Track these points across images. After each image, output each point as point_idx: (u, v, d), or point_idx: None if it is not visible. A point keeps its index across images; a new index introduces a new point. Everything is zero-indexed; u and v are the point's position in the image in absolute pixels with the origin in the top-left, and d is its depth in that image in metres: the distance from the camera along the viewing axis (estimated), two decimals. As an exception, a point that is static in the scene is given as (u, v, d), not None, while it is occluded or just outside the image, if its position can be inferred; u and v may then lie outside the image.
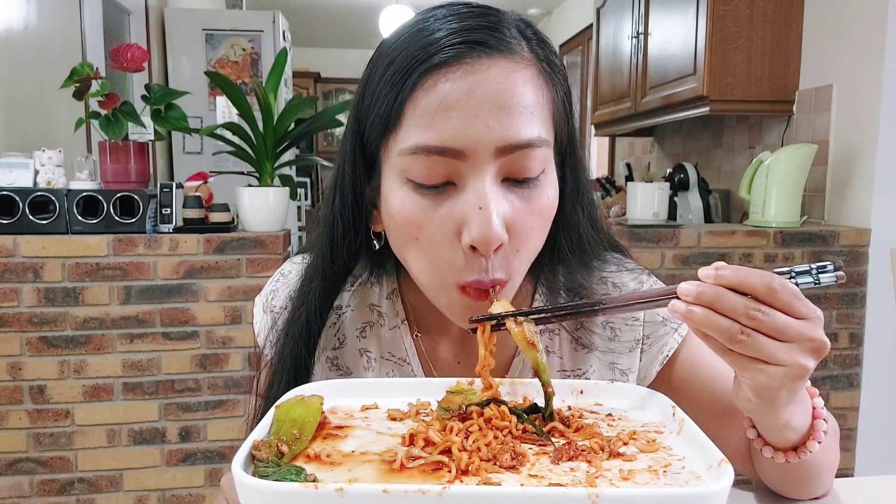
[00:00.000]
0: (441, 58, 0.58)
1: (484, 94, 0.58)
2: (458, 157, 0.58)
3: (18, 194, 1.87)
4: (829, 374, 2.20)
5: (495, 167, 0.59)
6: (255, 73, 4.09)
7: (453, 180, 0.59)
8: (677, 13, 2.62)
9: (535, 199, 0.61)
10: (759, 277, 0.49)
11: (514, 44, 0.61)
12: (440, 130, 0.57)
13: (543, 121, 0.62)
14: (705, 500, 0.44)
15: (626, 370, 0.75)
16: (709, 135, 3.11)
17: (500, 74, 0.59)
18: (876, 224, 2.13)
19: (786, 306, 0.49)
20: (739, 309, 0.49)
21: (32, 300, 1.90)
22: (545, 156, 0.61)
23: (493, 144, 0.58)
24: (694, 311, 0.50)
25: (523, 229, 0.61)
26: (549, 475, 0.51)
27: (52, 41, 2.68)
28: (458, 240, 0.59)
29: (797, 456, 0.59)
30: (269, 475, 0.49)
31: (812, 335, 0.50)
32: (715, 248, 2.12)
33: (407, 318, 0.75)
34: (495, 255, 0.59)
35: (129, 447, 1.98)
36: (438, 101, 0.58)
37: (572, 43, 5.55)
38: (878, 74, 2.10)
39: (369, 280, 0.76)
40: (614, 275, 0.76)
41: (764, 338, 0.49)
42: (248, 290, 1.98)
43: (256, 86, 1.98)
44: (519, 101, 0.59)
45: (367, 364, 0.74)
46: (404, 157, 0.59)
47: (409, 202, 0.60)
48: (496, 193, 0.59)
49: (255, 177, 2.06)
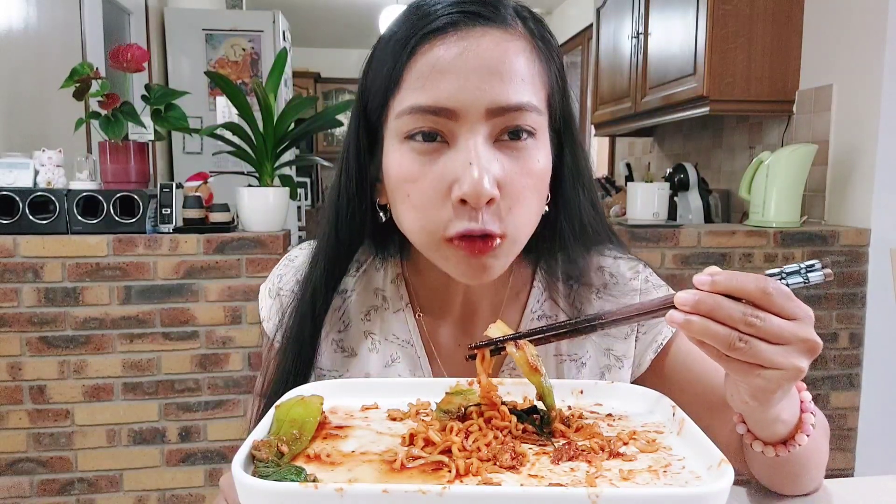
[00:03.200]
0: (437, 24, 0.62)
1: (476, 59, 0.61)
2: (450, 117, 0.61)
3: (18, 194, 1.87)
4: (829, 374, 2.20)
5: (487, 128, 0.61)
6: (255, 73, 4.09)
7: (446, 140, 0.62)
8: (677, 13, 2.62)
9: (526, 161, 0.63)
10: (754, 282, 0.50)
11: (508, 18, 0.64)
12: (434, 91, 0.61)
13: (535, 91, 0.64)
14: (705, 500, 0.44)
15: (621, 356, 0.76)
16: (709, 135, 3.11)
17: (492, 42, 0.62)
18: (876, 224, 2.13)
19: (780, 309, 0.50)
20: (737, 316, 0.49)
21: (32, 300, 1.90)
22: (536, 121, 0.63)
23: (484, 106, 0.60)
24: (692, 320, 0.51)
25: (515, 188, 0.62)
26: (549, 475, 0.51)
27: (52, 41, 2.68)
28: (448, 196, 0.61)
29: (787, 449, 0.60)
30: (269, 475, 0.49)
31: (806, 336, 0.51)
32: (715, 248, 2.12)
33: (410, 301, 0.76)
34: (487, 208, 0.61)
35: (129, 447, 1.98)
36: (433, 64, 0.61)
37: (572, 43, 5.55)
38: (878, 74, 2.10)
39: (374, 265, 0.78)
40: (612, 265, 0.78)
41: (762, 343, 0.50)
42: (248, 290, 1.98)
43: (256, 86, 1.98)
44: (510, 68, 0.62)
45: (371, 346, 0.76)
46: (402, 118, 0.63)
47: (405, 160, 0.63)
48: (486, 151, 0.61)
49: (255, 177, 2.06)
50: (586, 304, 0.76)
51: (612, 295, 0.76)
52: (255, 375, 2.09)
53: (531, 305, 0.77)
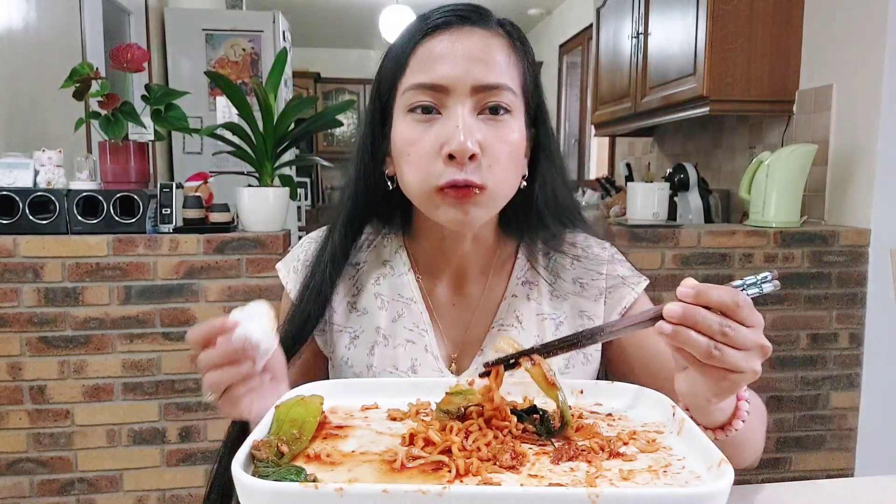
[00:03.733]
0: (436, 23, 0.79)
1: (465, 49, 0.77)
2: (443, 92, 0.76)
3: (18, 194, 1.87)
4: (829, 374, 2.20)
5: (472, 102, 0.76)
6: (255, 73, 4.09)
7: (440, 111, 0.77)
8: (677, 13, 2.62)
9: (503, 131, 0.77)
10: (729, 295, 0.57)
11: (492, 24, 0.81)
12: (431, 73, 0.77)
13: (512, 78, 0.79)
14: (705, 500, 0.44)
15: (592, 316, 0.89)
16: (709, 135, 3.11)
17: (478, 38, 0.78)
18: (876, 224, 2.13)
19: (744, 318, 0.57)
20: (715, 327, 0.56)
21: (32, 300, 1.90)
22: (512, 101, 0.78)
23: (469, 84, 0.76)
24: (679, 331, 0.57)
25: (493, 151, 0.76)
26: (549, 475, 0.51)
27: (52, 41, 2.68)
28: (440, 153, 0.75)
29: (724, 433, 0.66)
30: (269, 475, 0.49)
31: (762, 342, 0.58)
32: (715, 249, 2.12)
33: (412, 266, 0.90)
34: (470, 163, 0.74)
35: (129, 447, 1.98)
36: (431, 52, 0.78)
37: (572, 43, 5.55)
38: (878, 74, 2.10)
39: (381, 242, 0.93)
40: (582, 242, 0.92)
41: (731, 350, 0.56)
42: (248, 290, 1.98)
43: (256, 86, 1.98)
44: (491, 57, 0.77)
45: (380, 305, 0.89)
46: (406, 94, 0.78)
47: (408, 127, 0.78)
48: (471, 119, 0.76)
49: (255, 177, 2.06)
50: (562, 271, 0.90)
51: (585, 266, 0.90)
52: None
53: (516, 272, 0.90)
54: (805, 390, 2.19)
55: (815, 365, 2.19)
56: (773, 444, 2.21)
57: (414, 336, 0.86)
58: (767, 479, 2.19)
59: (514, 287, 0.89)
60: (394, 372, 0.85)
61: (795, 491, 0.75)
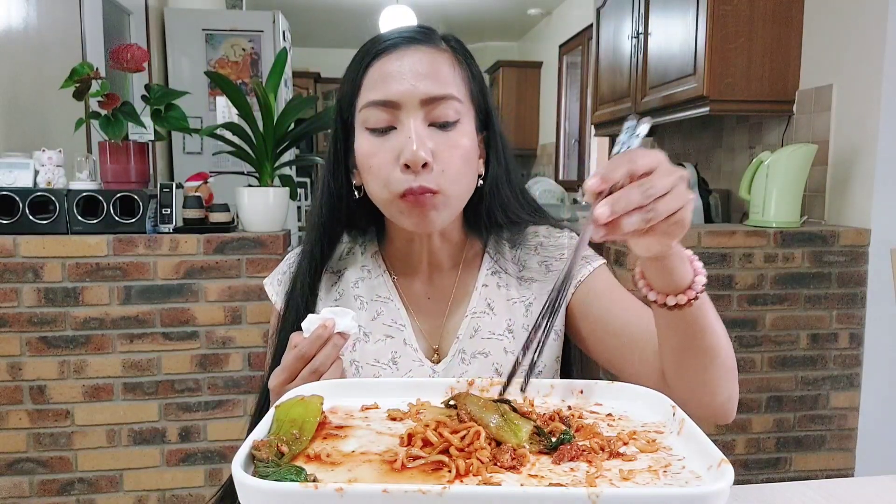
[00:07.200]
0: (384, 45, 0.85)
1: (412, 66, 0.83)
2: (395, 108, 0.82)
3: (18, 194, 1.87)
4: (829, 374, 2.20)
5: (422, 114, 0.82)
6: (255, 73, 4.09)
7: (394, 125, 0.83)
8: (677, 13, 2.62)
9: (453, 139, 0.83)
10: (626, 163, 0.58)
11: (436, 41, 0.87)
12: (383, 90, 0.83)
13: (458, 88, 0.85)
14: (705, 500, 0.44)
15: None
16: (709, 135, 3.11)
17: (424, 55, 0.84)
18: (876, 224, 2.13)
19: (647, 168, 0.58)
20: (639, 198, 0.57)
21: (32, 300, 1.90)
22: (460, 110, 0.84)
23: (418, 98, 0.82)
24: (619, 223, 0.58)
25: (444, 157, 0.82)
26: (549, 475, 0.51)
27: (52, 41, 2.68)
28: (397, 163, 0.81)
29: (692, 292, 0.69)
30: (269, 475, 0.49)
31: (672, 169, 0.59)
32: (715, 249, 2.12)
33: (387, 268, 0.97)
34: (424, 170, 0.80)
35: (129, 447, 1.98)
36: (381, 72, 0.84)
37: (572, 43, 5.55)
38: (878, 74, 2.10)
39: (357, 249, 1.00)
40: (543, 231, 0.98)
41: (660, 201, 0.58)
42: (248, 290, 1.98)
43: (256, 86, 1.98)
44: (437, 71, 0.84)
45: (360, 306, 0.95)
46: (362, 112, 0.85)
47: (366, 142, 0.84)
48: (422, 130, 0.82)
49: (255, 177, 2.06)
50: (528, 259, 0.96)
51: (549, 252, 0.96)
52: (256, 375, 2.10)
53: (485, 264, 0.96)
54: (805, 390, 2.19)
55: (815, 365, 2.19)
56: (773, 444, 2.21)
57: (392, 331, 0.92)
58: (767, 479, 2.19)
59: (483, 277, 0.95)
60: (375, 364, 0.91)
61: (795, 491, 0.75)
